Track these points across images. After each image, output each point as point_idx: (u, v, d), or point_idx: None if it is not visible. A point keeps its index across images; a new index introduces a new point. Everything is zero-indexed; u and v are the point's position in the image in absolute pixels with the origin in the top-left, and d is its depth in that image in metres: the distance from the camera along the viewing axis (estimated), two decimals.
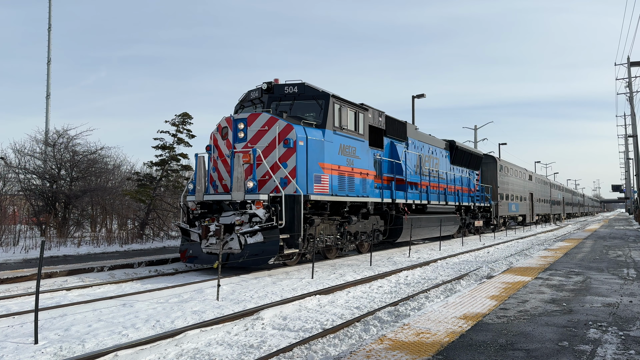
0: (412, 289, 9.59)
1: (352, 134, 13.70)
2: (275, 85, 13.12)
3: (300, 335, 6.20)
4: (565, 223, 52.16)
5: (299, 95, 12.97)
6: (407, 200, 16.96)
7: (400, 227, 16.29)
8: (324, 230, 12.71)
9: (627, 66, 33.70)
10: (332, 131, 12.72)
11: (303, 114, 12.80)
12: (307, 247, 12.00)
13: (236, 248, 10.79)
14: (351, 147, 13.65)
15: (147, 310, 7.46)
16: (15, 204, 22.88)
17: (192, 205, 11.94)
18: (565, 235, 25.88)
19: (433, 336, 4.83)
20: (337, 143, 12.98)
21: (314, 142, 12.05)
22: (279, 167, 11.43)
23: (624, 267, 10.16)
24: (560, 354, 4.22)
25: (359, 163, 14.05)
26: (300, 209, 11.12)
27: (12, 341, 5.86)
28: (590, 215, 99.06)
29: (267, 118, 11.75)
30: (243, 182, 10.99)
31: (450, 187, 21.99)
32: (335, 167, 12.79)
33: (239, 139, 11.90)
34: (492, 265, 12.80)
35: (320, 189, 12.09)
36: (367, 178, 14.43)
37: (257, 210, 10.80)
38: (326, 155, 12.45)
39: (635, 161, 35.02)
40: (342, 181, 13.07)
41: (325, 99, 12.73)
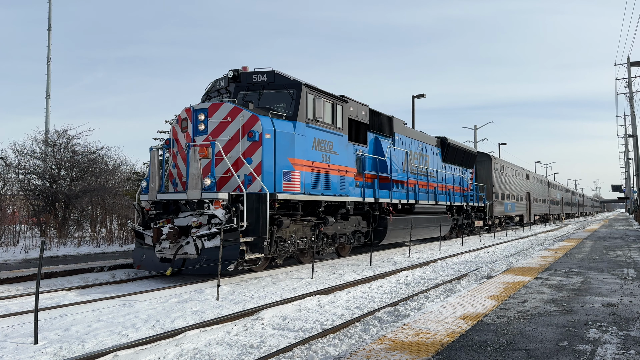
0: (412, 289, 9.59)
1: (328, 127, 12.62)
2: (242, 74, 12.00)
3: (300, 335, 6.20)
4: (565, 223, 52.15)
5: (269, 84, 11.85)
6: (392, 200, 15.85)
7: (385, 229, 15.24)
8: (295, 232, 11.68)
9: (627, 66, 33.70)
10: (304, 124, 11.62)
11: (273, 104, 11.74)
12: (277, 251, 11.01)
13: (192, 253, 9.72)
14: (327, 141, 12.58)
15: (147, 310, 7.46)
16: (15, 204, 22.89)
17: (147, 205, 10.77)
18: (565, 235, 25.88)
19: (433, 336, 4.83)
20: (311, 137, 11.86)
21: (283, 136, 10.94)
22: (242, 162, 10.32)
23: (624, 267, 10.16)
24: (560, 354, 4.22)
25: (336, 159, 12.97)
26: (265, 209, 10.00)
27: (12, 341, 5.86)
28: (590, 215, 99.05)
29: (229, 108, 10.61)
30: (200, 179, 9.93)
31: (441, 185, 20.97)
32: (308, 163, 11.71)
33: (199, 132, 10.75)
34: (492, 265, 12.80)
35: (290, 187, 11.06)
36: (346, 175, 13.37)
37: (215, 211, 9.66)
38: (297, 150, 11.33)
39: (635, 161, 35.03)
40: (316, 179, 12.01)
41: (296, 88, 11.62)
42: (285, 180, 10.93)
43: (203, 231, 9.66)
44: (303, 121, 11.60)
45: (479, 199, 26.17)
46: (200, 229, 9.74)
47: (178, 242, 9.84)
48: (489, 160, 29.36)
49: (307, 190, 11.62)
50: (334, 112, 13.00)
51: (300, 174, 11.42)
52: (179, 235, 9.86)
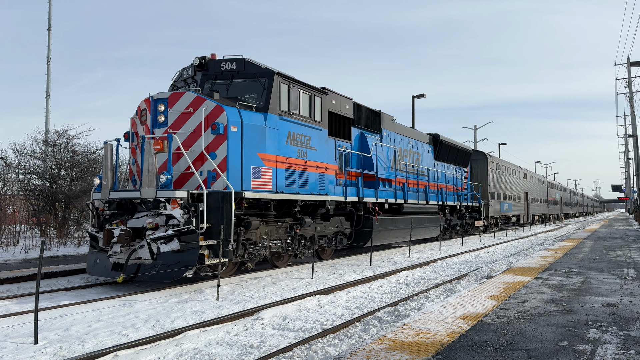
0: (412, 289, 9.59)
1: (305, 120, 11.72)
2: (210, 61, 11.07)
3: (300, 335, 6.20)
4: (565, 223, 52.15)
5: (238, 73, 10.90)
6: (377, 199, 14.91)
7: (370, 230, 14.30)
8: (268, 234, 10.76)
9: (627, 66, 33.70)
10: (277, 116, 10.72)
11: (243, 95, 10.83)
12: (245, 255, 10.16)
13: (147, 258, 8.83)
14: (304, 136, 11.67)
15: (147, 310, 7.46)
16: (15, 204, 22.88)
17: (100, 205, 9.90)
18: (565, 235, 25.88)
19: (433, 336, 4.83)
20: (285, 131, 10.98)
21: (253, 128, 10.04)
22: (205, 158, 9.45)
23: (623, 267, 10.17)
24: (560, 354, 4.22)
25: (314, 155, 12.05)
26: (230, 209, 9.13)
27: (12, 341, 5.86)
28: (590, 215, 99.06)
29: (192, 98, 9.77)
30: (155, 175, 9.06)
31: (433, 184, 20.08)
32: (281, 159, 10.81)
33: (158, 124, 9.87)
34: (492, 265, 12.80)
35: (260, 185, 10.17)
36: (325, 173, 12.46)
37: (173, 211, 8.76)
38: (269, 145, 10.43)
39: (635, 161, 35.03)
40: (290, 176, 11.12)
41: (268, 77, 10.68)
42: (254, 177, 10.06)
43: (159, 234, 8.79)
44: (276, 113, 10.71)
45: (473, 198, 25.37)
46: (157, 231, 8.88)
47: (132, 246, 8.99)
48: (485, 158, 28.48)
49: (280, 189, 10.76)
50: (312, 104, 12.07)
51: (272, 170, 10.51)
52: (132, 238, 9.00)
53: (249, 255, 10.29)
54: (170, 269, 8.61)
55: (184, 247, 8.69)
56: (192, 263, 8.70)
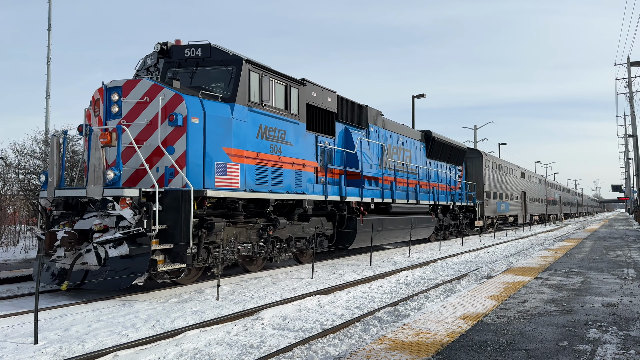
0: (412, 289, 9.59)
1: (280, 113, 10.86)
2: (173, 47, 10.24)
3: (300, 335, 6.20)
4: (565, 223, 52.15)
5: (204, 60, 10.07)
6: (362, 198, 14.01)
7: (354, 231, 13.51)
8: (237, 236, 9.92)
9: (627, 66, 33.70)
10: (246, 107, 9.86)
11: (208, 84, 10.01)
12: (208, 259, 9.31)
13: (93, 263, 8.00)
14: (279, 130, 10.82)
15: (147, 310, 7.46)
16: (15, 204, 22.88)
17: (48, 204, 9.04)
18: (565, 235, 25.89)
19: (433, 336, 4.83)
20: (255, 124, 10.12)
21: (217, 120, 9.23)
22: (162, 152, 8.65)
23: (623, 267, 10.17)
24: (560, 354, 4.22)
25: (290, 151, 11.18)
26: (189, 209, 8.36)
27: (12, 341, 5.86)
28: (590, 215, 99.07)
29: (148, 86, 8.96)
30: (102, 171, 8.25)
31: (424, 183, 19.25)
32: (251, 154, 9.97)
33: (112, 115, 9.08)
34: (492, 265, 12.80)
35: (225, 183, 9.31)
36: (303, 170, 11.58)
37: (122, 211, 7.96)
38: (236, 139, 9.58)
39: (635, 161, 35.03)
40: (262, 173, 10.26)
41: (236, 64, 9.83)
42: (218, 174, 9.22)
43: (106, 236, 7.99)
44: (244, 104, 9.84)
45: (468, 198, 24.61)
46: (107, 234, 8.05)
47: (78, 250, 8.19)
48: (480, 156, 27.67)
49: (249, 187, 9.87)
50: (288, 95, 11.18)
51: (239, 167, 9.64)
52: (78, 242, 8.23)
53: (214, 260, 9.36)
54: (118, 275, 7.79)
55: (134, 251, 7.85)
56: (142, 269, 7.86)
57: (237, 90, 9.70)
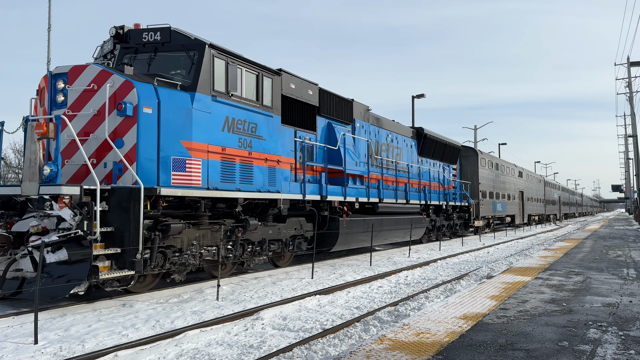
0: (412, 289, 9.59)
1: (250, 104, 9.99)
2: (130, 32, 9.41)
3: (300, 335, 6.20)
4: (565, 223, 52.17)
5: (163, 45, 9.24)
6: (345, 198, 13.20)
7: (336, 232, 12.76)
8: (199, 239, 9.06)
9: (627, 66, 33.72)
10: (210, 97, 9.05)
11: (168, 71, 9.22)
12: (165, 265, 8.43)
13: (29, 270, 7.26)
14: (248, 123, 9.95)
15: (147, 310, 7.46)
16: None
17: None
18: (565, 235, 25.89)
19: (433, 336, 4.83)
20: (221, 115, 9.28)
21: (174, 110, 8.45)
22: (110, 146, 7.82)
23: (623, 267, 10.17)
24: (560, 354, 4.23)
25: (262, 146, 10.33)
26: (138, 209, 7.49)
27: (12, 341, 5.86)
28: (590, 216, 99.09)
29: (95, 72, 8.20)
30: (37, 167, 7.49)
31: (414, 182, 18.46)
32: (215, 149, 9.13)
33: (57, 104, 8.28)
34: (492, 265, 12.81)
35: (184, 180, 8.51)
36: (277, 167, 10.77)
37: (61, 212, 7.17)
38: (197, 131, 8.76)
39: (635, 161, 35.04)
40: (228, 169, 9.43)
41: (198, 49, 9.01)
42: (176, 170, 8.43)
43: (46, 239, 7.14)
44: (207, 93, 9.02)
45: (463, 197, 23.75)
46: (46, 237, 7.29)
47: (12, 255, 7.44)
48: (475, 155, 26.84)
49: (213, 185, 9.07)
50: (260, 85, 10.34)
51: (201, 162, 8.84)
52: (13, 245, 7.51)
53: (172, 265, 8.59)
54: (55, 283, 6.94)
55: (73, 257, 7.02)
56: (81, 277, 6.99)
57: (198, 77, 8.87)
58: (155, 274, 8.85)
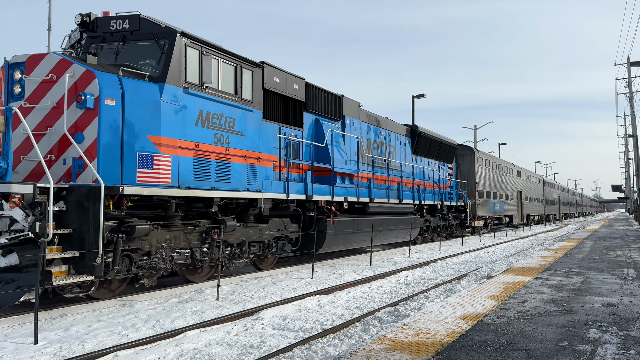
0: (412, 289, 9.59)
1: (227, 98, 9.47)
2: (98, 19, 8.84)
3: (300, 335, 6.20)
4: (565, 223, 52.16)
5: (132, 33, 8.69)
6: (333, 197, 12.72)
7: (323, 233, 12.23)
8: (170, 241, 8.53)
9: (627, 66, 33.72)
10: (182, 89, 8.52)
11: (136, 61, 8.60)
12: (132, 269, 7.89)
13: None
14: (226, 117, 9.42)
15: (147, 311, 7.46)
16: None
17: None
18: (565, 235, 25.89)
19: (433, 336, 4.83)
20: (194, 109, 8.75)
21: (140, 103, 7.92)
22: (69, 141, 7.29)
23: (623, 267, 10.17)
24: (560, 354, 4.23)
25: (241, 142, 9.77)
26: (98, 209, 6.95)
27: (12, 341, 5.86)
28: (590, 216, 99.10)
29: (55, 62, 7.73)
30: None
31: (408, 181, 17.98)
32: (188, 144, 8.59)
33: (14, 96, 7.81)
34: (492, 265, 12.81)
35: (151, 178, 7.95)
36: (258, 165, 10.23)
37: (12, 212, 6.72)
38: (167, 125, 8.19)
39: (635, 161, 35.04)
40: (203, 166, 8.88)
41: (169, 38, 8.47)
42: (142, 167, 7.87)
43: None
44: (179, 85, 8.49)
45: (459, 197, 23.29)
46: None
47: None
48: (472, 153, 26.21)
49: (185, 183, 8.50)
50: (238, 78, 9.79)
51: (171, 159, 8.27)
52: None
53: (140, 270, 8.10)
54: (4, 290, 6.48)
55: (24, 261, 6.53)
56: (32, 283, 6.45)
57: (168, 68, 8.32)
58: (122, 279, 8.29)
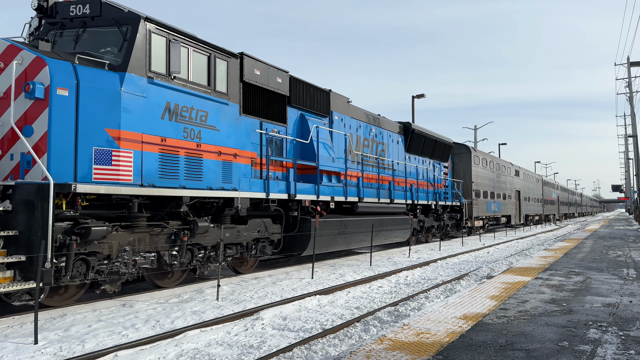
0: (412, 289, 9.59)
1: (199, 89, 8.91)
2: (56, 4, 8.34)
3: (300, 335, 6.20)
4: (565, 223, 52.16)
5: (93, 19, 8.11)
6: (319, 196, 12.10)
7: (308, 235, 11.58)
8: (134, 244, 7.90)
9: (627, 66, 33.72)
10: (146, 79, 7.93)
11: (98, 49, 7.98)
12: (89, 275, 7.30)
13: None
14: (197, 110, 8.82)
15: (147, 311, 7.46)
16: None
17: None
18: (565, 235, 25.89)
19: (433, 336, 4.83)
20: (160, 101, 8.14)
21: (97, 93, 7.31)
22: (16, 135, 6.80)
23: (623, 267, 10.16)
24: (560, 354, 4.23)
25: (215, 137, 9.17)
26: (47, 209, 6.43)
27: (12, 341, 5.86)
28: (590, 216, 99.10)
29: (2, 48, 7.26)
30: None
31: (400, 180, 17.40)
32: (153, 139, 7.95)
33: None
34: (492, 265, 12.81)
35: (109, 175, 7.29)
36: (234, 161, 9.65)
37: None
38: (128, 118, 7.55)
39: (635, 161, 35.04)
40: (170, 163, 8.23)
41: (131, 23, 7.90)
42: (99, 163, 7.25)
43: None
44: (142, 75, 7.89)
45: (455, 197, 22.76)
46: None
47: None
48: (468, 152, 25.49)
49: (150, 181, 7.86)
50: (212, 69, 9.25)
51: (133, 154, 7.62)
52: None
53: (98, 275, 7.48)
54: None
55: None
56: None
57: (130, 55, 7.73)
58: (80, 285, 7.75)
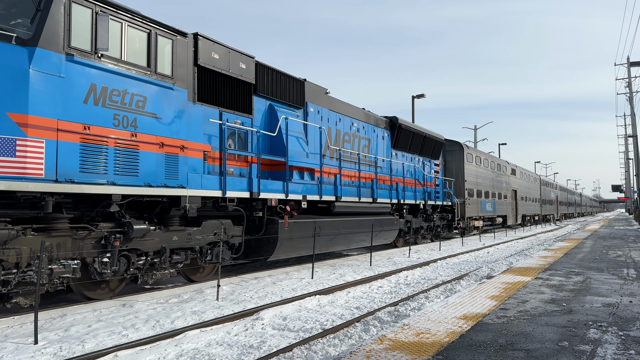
0: (412, 289, 9.59)
1: (135, 71, 7.82)
2: None
3: (300, 335, 6.20)
4: (565, 223, 52.15)
5: None
6: (287, 195, 11.03)
7: (275, 237, 10.54)
8: (52, 249, 6.92)
9: (627, 66, 33.73)
10: (64, 56, 6.85)
11: (9, 21, 6.79)
12: None
13: None
14: (132, 95, 7.72)
15: (147, 311, 7.46)
16: None
17: None
18: (565, 235, 25.89)
19: (433, 336, 4.83)
20: (84, 82, 7.06)
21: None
22: None
23: (623, 267, 10.16)
24: (560, 354, 4.23)
25: (156, 126, 8.07)
26: None
27: (12, 341, 5.86)
28: (590, 216, 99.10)
29: None
30: None
31: (385, 178, 16.26)
32: (72, 126, 6.85)
33: None
34: (492, 265, 12.81)
35: (12, 168, 6.26)
36: (182, 155, 8.51)
37: None
38: (38, 101, 6.48)
39: (635, 161, 35.04)
40: (95, 155, 7.13)
41: None
42: None
43: None
44: (59, 51, 6.81)
45: (446, 196, 21.74)
46: None
47: None
48: (461, 149, 24.27)
49: (67, 175, 6.79)
50: (152, 48, 8.16)
51: (45, 144, 6.54)
52: None
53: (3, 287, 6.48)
54: None
55: None
56: None
57: (43, 28, 6.64)
58: None
